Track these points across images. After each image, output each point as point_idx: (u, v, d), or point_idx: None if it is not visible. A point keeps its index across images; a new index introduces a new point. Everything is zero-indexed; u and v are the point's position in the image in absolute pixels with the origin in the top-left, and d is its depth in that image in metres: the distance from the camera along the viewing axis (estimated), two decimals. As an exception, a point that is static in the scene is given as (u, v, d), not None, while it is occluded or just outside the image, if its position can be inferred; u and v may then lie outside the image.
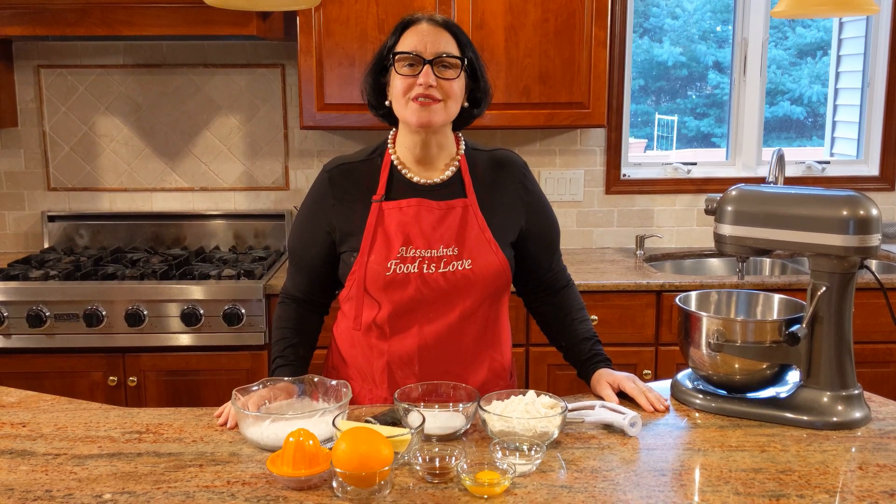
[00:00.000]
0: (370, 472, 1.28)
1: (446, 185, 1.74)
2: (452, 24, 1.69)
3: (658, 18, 7.25)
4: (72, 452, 1.47)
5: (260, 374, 2.85)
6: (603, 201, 3.52)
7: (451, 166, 1.75)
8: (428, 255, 1.68)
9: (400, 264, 1.68)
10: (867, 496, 1.30)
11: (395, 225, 1.69)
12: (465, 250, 1.70)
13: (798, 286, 2.86)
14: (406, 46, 1.65)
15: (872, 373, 2.89)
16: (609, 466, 1.40)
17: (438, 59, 1.64)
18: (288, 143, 3.44)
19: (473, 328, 1.74)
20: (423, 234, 1.69)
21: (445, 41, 1.65)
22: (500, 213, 1.75)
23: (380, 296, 1.70)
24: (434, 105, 1.64)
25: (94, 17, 2.87)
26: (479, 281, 1.70)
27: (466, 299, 1.71)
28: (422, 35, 1.64)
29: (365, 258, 1.69)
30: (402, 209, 1.70)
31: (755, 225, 1.60)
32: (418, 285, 1.68)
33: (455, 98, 1.67)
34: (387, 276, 1.68)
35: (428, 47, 1.63)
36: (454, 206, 1.72)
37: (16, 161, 3.44)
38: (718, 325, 1.63)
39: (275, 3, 1.59)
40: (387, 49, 1.69)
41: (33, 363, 2.85)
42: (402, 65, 1.65)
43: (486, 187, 1.76)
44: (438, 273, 1.68)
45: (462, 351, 1.75)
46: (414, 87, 1.63)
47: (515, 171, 1.80)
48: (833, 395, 1.57)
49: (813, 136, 7.04)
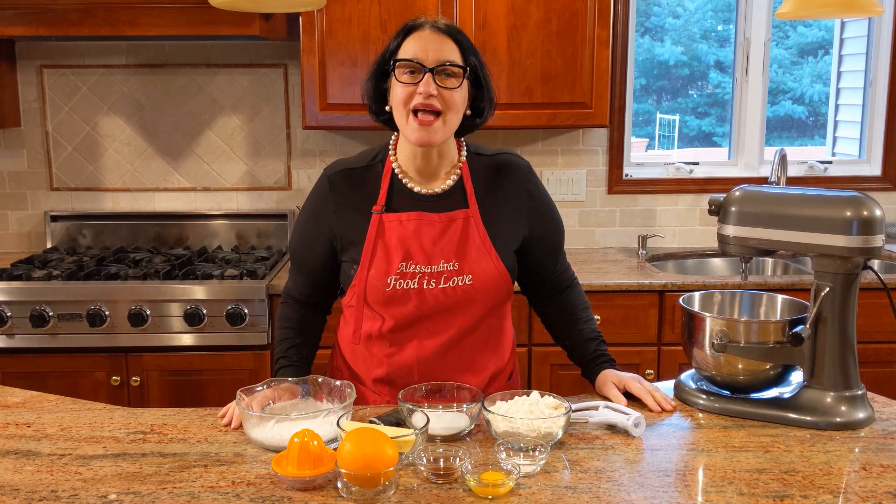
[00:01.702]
0: (375, 473, 1.28)
1: (447, 195, 1.71)
2: (456, 30, 1.65)
3: (659, 17, 7.25)
4: (77, 453, 1.47)
5: (263, 374, 2.85)
6: (605, 201, 3.52)
7: (453, 174, 1.72)
8: (428, 270, 1.66)
9: (400, 280, 1.66)
10: (871, 497, 1.30)
11: (395, 239, 1.67)
12: (465, 265, 1.67)
13: (801, 286, 2.86)
14: (407, 53, 1.61)
15: (875, 373, 2.89)
16: (613, 467, 1.40)
17: (440, 68, 1.59)
18: (290, 143, 3.44)
19: (474, 340, 1.74)
20: (423, 249, 1.67)
21: (448, 49, 1.61)
22: (503, 221, 1.73)
23: (380, 309, 1.70)
24: (434, 124, 1.60)
25: (97, 17, 2.87)
26: (479, 295, 1.69)
27: (467, 313, 1.70)
28: (424, 42, 1.60)
29: (365, 272, 1.68)
30: (403, 223, 1.67)
31: (759, 225, 1.60)
32: (418, 302, 1.67)
33: (456, 109, 1.63)
34: (386, 292, 1.66)
35: (430, 55, 1.59)
36: (455, 219, 1.69)
37: (19, 161, 3.45)
38: (722, 326, 1.63)
39: (279, 4, 1.59)
40: (388, 53, 1.65)
41: (36, 363, 2.85)
42: (402, 72, 1.61)
43: (488, 195, 1.73)
44: (438, 289, 1.67)
45: (461, 360, 1.75)
46: (414, 95, 1.59)
47: (519, 176, 1.76)
48: (836, 395, 1.57)
49: (815, 136, 7.04)
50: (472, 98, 1.69)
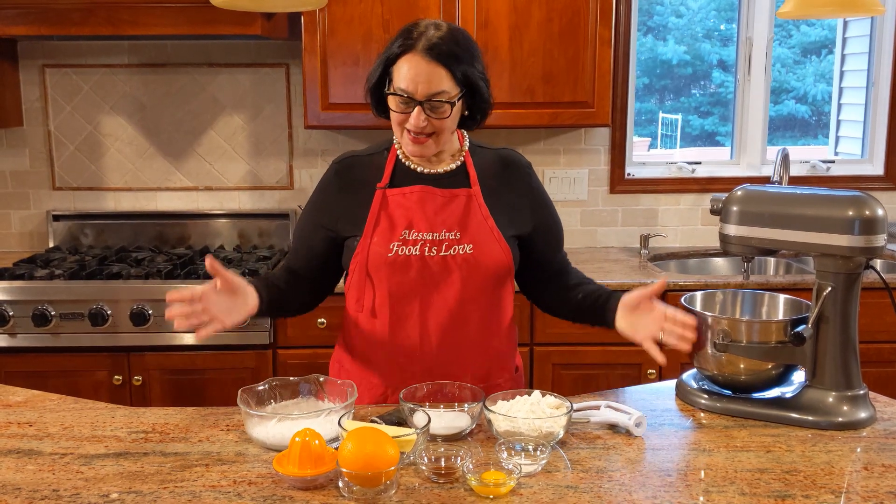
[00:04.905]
0: (376, 472, 1.28)
1: (451, 175, 1.77)
2: (447, 53, 1.62)
3: (662, 17, 7.25)
4: (78, 452, 1.47)
5: (265, 373, 2.86)
6: (607, 200, 3.52)
7: (457, 160, 1.79)
8: (430, 237, 1.71)
9: (402, 246, 1.70)
10: (872, 496, 1.30)
11: (398, 209, 1.72)
12: (466, 235, 1.72)
13: (803, 286, 2.86)
14: (400, 82, 1.63)
15: (877, 373, 2.88)
16: (614, 466, 1.40)
17: (429, 101, 1.63)
18: (292, 143, 3.44)
19: (475, 315, 1.75)
20: (426, 217, 1.72)
21: (438, 79, 1.62)
22: (505, 207, 1.77)
23: (381, 277, 1.72)
24: (426, 142, 1.68)
25: (98, 16, 2.87)
26: (480, 265, 1.72)
27: (467, 283, 1.72)
28: (415, 72, 1.61)
29: (368, 240, 1.72)
30: (406, 195, 1.73)
31: (761, 225, 1.60)
32: (419, 267, 1.70)
33: (447, 130, 1.69)
34: (388, 258, 1.70)
35: (419, 88, 1.62)
36: (458, 195, 1.75)
37: (21, 160, 3.45)
38: (724, 326, 1.63)
39: (281, 3, 1.59)
40: (386, 60, 1.66)
41: (38, 362, 2.86)
42: (395, 101, 1.66)
43: (490, 183, 1.78)
44: (439, 256, 1.71)
45: (464, 338, 1.76)
46: (407, 121, 1.66)
47: (521, 169, 1.83)
48: (838, 395, 1.57)
49: (818, 135, 7.03)
50: (468, 106, 1.72)
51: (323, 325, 2.88)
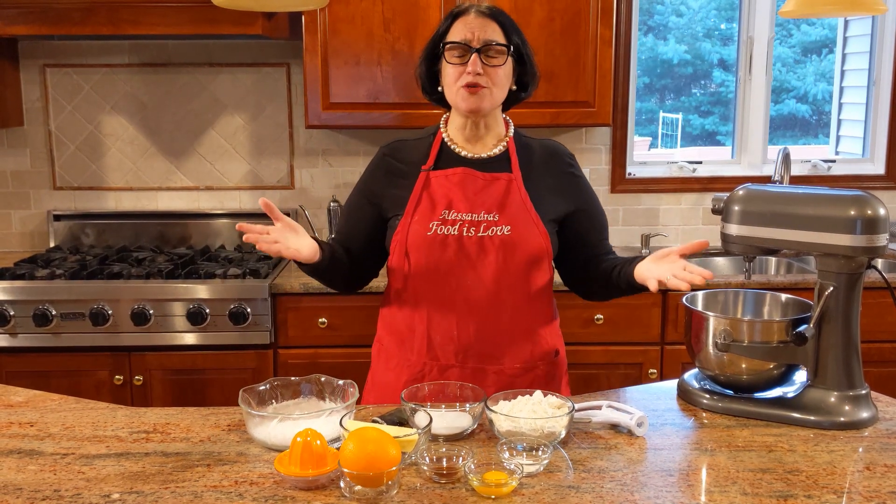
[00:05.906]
0: (378, 473, 1.28)
1: (493, 160, 1.82)
2: (498, 12, 1.78)
3: (663, 16, 7.24)
4: (80, 452, 1.47)
5: (266, 373, 2.86)
6: (608, 200, 3.52)
7: (500, 145, 1.84)
8: (469, 218, 1.76)
9: (441, 226, 1.76)
10: (875, 496, 1.30)
11: (440, 190, 1.79)
12: (504, 217, 1.76)
13: (804, 285, 2.86)
14: (455, 36, 1.75)
15: (879, 372, 2.88)
16: (616, 466, 1.40)
17: (486, 48, 1.73)
18: (293, 143, 3.44)
19: (511, 296, 1.78)
20: (467, 198, 1.77)
21: (492, 30, 1.75)
22: (545, 193, 1.82)
23: (419, 256, 1.77)
24: (481, 90, 1.74)
25: (99, 16, 2.88)
26: (517, 247, 1.75)
27: (504, 264, 1.75)
28: (470, 25, 1.74)
29: (409, 219, 1.78)
30: (448, 177, 1.80)
31: (762, 224, 1.60)
32: (456, 247, 1.75)
33: (500, 85, 1.77)
34: (427, 237, 1.75)
35: (476, 35, 1.73)
36: (499, 178, 1.80)
37: (21, 160, 3.45)
38: (725, 325, 1.62)
39: (282, 3, 1.59)
40: (437, 37, 1.79)
41: (39, 362, 2.86)
42: (452, 54, 1.75)
43: (532, 169, 1.84)
44: (477, 237, 1.75)
45: (499, 318, 1.78)
46: (463, 74, 1.73)
47: (564, 158, 1.89)
48: (840, 394, 1.57)
49: (818, 135, 7.03)
50: (518, 74, 1.83)
51: (324, 325, 2.88)
